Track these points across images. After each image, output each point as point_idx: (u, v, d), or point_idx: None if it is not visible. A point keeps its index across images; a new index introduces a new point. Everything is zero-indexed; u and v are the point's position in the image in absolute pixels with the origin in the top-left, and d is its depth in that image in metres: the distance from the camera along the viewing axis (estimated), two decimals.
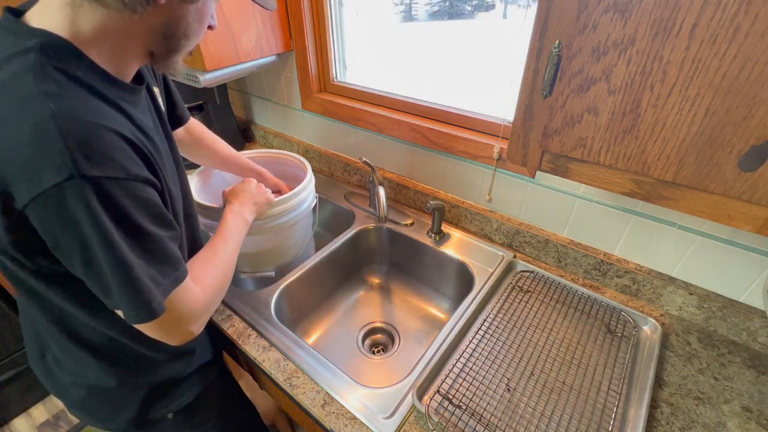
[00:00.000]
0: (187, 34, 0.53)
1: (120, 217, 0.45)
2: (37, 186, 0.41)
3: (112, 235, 0.44)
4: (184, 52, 0.56)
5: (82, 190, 0.41)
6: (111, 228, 0.44)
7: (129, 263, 0.46)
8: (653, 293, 0.83)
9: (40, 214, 0.43)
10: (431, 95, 1.03)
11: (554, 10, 0.47)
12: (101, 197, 0.43)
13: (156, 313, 0.49)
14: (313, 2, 1.07)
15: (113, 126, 0.45)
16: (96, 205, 0.43)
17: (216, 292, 0.61)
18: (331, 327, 1.01)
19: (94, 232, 0.43)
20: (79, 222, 0.43)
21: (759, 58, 0.38)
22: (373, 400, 0.67)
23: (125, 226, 0.46)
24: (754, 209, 0.45)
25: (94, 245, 0.44)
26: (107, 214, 0.44)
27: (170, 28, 0.51)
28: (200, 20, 0.54)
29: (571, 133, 0.53)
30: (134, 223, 0.47)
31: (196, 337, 0.57)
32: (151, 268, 0.49)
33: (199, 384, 0.73)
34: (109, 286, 0.47)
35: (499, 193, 0.97)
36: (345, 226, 1.10)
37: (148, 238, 0.49)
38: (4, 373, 1.48)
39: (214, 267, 0.63)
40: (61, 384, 0.66)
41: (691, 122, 0.44)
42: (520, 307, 0.83)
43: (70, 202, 0.42)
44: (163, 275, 0.50)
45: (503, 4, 0.91)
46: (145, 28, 0.49)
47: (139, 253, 0.48)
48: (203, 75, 1.00)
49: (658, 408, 0.67)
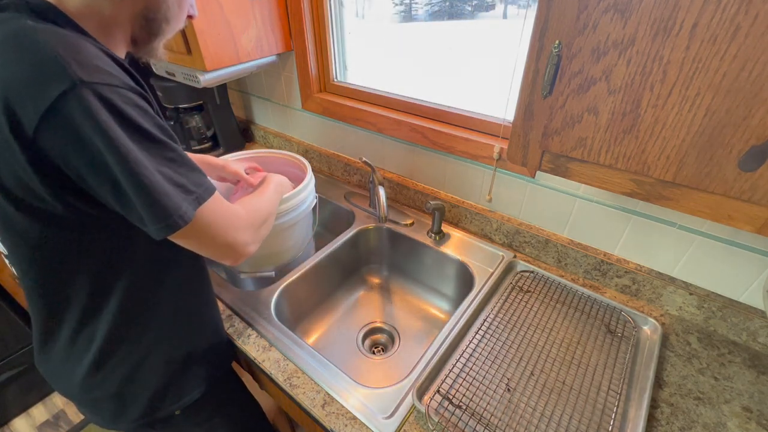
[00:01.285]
0: (168, 18, 0.55)
1: (129, 124, 0.44)
2: (43, 100, 0.40)
3: (127, 144, 0.43)
4: (164, 38, 0.57)
5: (85, 96, 0.41)
6: (123, 136, 0.43)
7: (147, 170, 0.44)
8: (653, 293, 0.83)
9: (52, 136, 0.42)
10: (431, 95, 1.03)
11: (554, 10, 0.47)
12: (106, 104, 0.42)
13: (186, 218, 0.48)
14: (313, 2, 1.07)
15: (97, 45, 0.46)
16: (103, 113, 0.42)
17: (257, 213, 0.63)
18: (331, 327, 1.01)
19: (107, 143, 0.42)
20: (91, 134, 0.41)
21: (759, 58, 0.38)
22: (373, 400, 0.67)
23: (136, 133, 0.45)
24: (754, 209, 0.45)
25: (110, 159, 0.43)
26: (116, 122, 0.43)
27: (151, 11, 0.53)
28: (180, 5, 0.56)
29: (571, 133, 0.53)
30: (145, 130, 0.45)
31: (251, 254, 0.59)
32: (178, 176, 0.48)
33: (206, 381, 0.73)
34: (136, 204, 0.45)
35: (499, 193, 0.97)
36: (345, 226, 1.10)
37: (165, 147, 0.48)
38: (4, 373, 1.48)
39: (257, 198, 0.68)
40: (67, 382, 0.65)
41: (691, 122, 0.44)
42: (520, 307, 0.83)
43: (77, 113, 0.41)
44: (194, 184, 0.50)
45: (503, 4, 0.91)
46: (128, 12, 0.51)
47: (160, 160, 0.46)
48: (203, 75, 1.00)
49: (658, 408, 0.67)
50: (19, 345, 1.50)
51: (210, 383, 0.74)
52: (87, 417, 0.71)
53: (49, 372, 0.66)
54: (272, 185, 0.77)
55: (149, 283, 0.60)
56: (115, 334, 0.60)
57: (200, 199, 0.50)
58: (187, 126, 1.37)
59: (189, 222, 0.48)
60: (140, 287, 0.59)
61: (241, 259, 0.58)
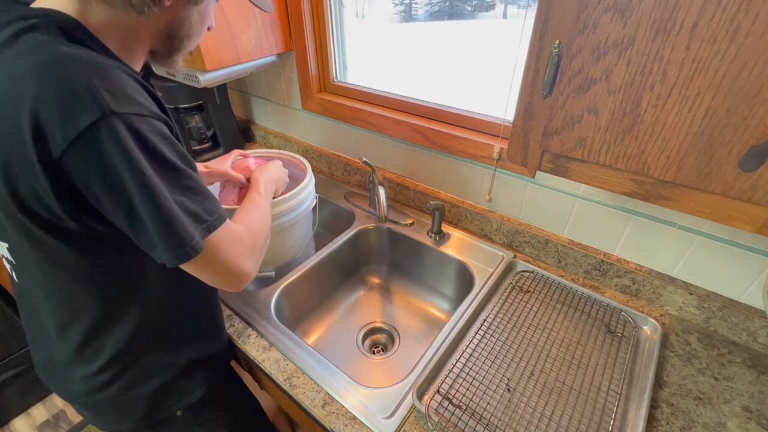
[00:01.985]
0: (190, 34, 0.55)
1: (153, 154, 0.45)
2: (74, 128, 0.41)
3: (148, 172, 0.44)
4: (185, 52, 0.58)
5: (115, 127, 0.42)
6: (146, 166, 0.44)
7: (166, 200, 0.46)
8: (653, 293, 0.83)
9: (77, 161, 0.42)
10: (431, 95, 1.03)
11: (554, 10, 0.47)
12: (133, 134, 0.43)
13: (196, 249, 0.49)
14: (313, 2, 1.07)
15: (130, 73, 0.47)
16: (130, 142, 0.43)
17: (260, 233, 0.63)
18: (331, 327, 1.01)
19: (131, 172, 0.43)
20: (116, 162, 0.42)
21: (759, 58, 0.38)
22: (373, 400, 0.67)
23: (159, 162, 0.46)
24: (754, 209, 0.45)
25: (132, 186, 0.44)
26: (141, 151, 0.44)
27: (174, 28, 0.53)
28: (202, 21, 0.56)
29: (571, 133, 0.53)
30: (167, 159, 0.47)
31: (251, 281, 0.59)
32: (194, 205, 0.49)
33: (207, 381, 0.73)
34: (149, 231, 0.46)
35: (499, 193, 0.97)
36: (345, 226, 1.10)
37: (184, 175, 0.49)
38: (4, 373, 1.48)
39: (255, 214, 0.66)
40: (68, 385, 0.65)
41: (691, 122, 0.44)
42: (520, 307, 0.83)
43: (106, 142, 0.42)
44: (207, 212, 0.50)
45: (503, 4, 0.91)
46: (150, 29, 0.52)
47: (178, 190, 0.48)
48: (203, 75, 1.00)
49: (658, 408, 0.67)
50: (19, 345, 1.50)
51: (211, 383, 0.74)
52: (88, 419, 0.70)
53: (49, 376, 0.66)
54: (262, 189, 0.76)
55: (161, 294, 0.61)
56: (123, 345, 0.60)
57: (211, 228, 0.51)
58: (187, 126, 1.37)
59: (200, 252, 0.50)
60: (151, 298, 0.59)
61: (243, 285, 0.58)
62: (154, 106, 0.48)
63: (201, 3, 0.53)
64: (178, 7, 0.51)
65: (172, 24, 0.53)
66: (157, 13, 0.49)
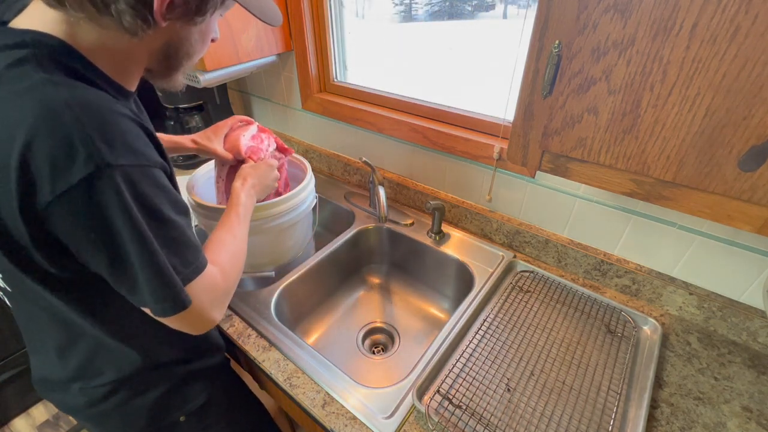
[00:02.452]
0: (190, 53, 0.52)
1: (147, 206, 0.44)
2: (64, 182, 0.39)
3: (142, 226, 0.43)
4: (185, 70, 0.55)
5: (111, 180, 0.40)
6: (140, 218, 0.43)
7: (157, 254, 0.45)
8: (653, 293, 0.83)
9: (64, 213, 0.41)
10: (431, 95, 1.03)
11: (554, 10, 0.47)
12: (129, 186, 0.42)
13: (185, 303, 0.48)
14: (313, 2, 1.07)
15: (126, 112, 0.44)
16: (126, 196, 0.41)
17: (235, 275, 0.60)
18: (331, 327, 1.01)
19: (126, 225, 0.42)
20: (110, 215, 0.41)
21: (759, 58, 0.38)
22: (373, 400, 0.67)
23: (152, 214, 0.45)
24: (754, 209, 0.45)
25: (124, 238, 0.43)
26: (136, 204, 0.43)
27: (172, 48, 0.50)
28: (203, 39, 0.53)
29: (571, 133, 0.53)
30: (159, 211, 0.46)
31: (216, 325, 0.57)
32: (173, 257, 0.47)
33: (210, 385, 0.73)
34: (137, 281, 0.45)
35: (499, 193, 0.97)
36: (345, 226, 1.10)
37: (171, 226, 0.47)
38: (4, 373, 1.48)
39: (231, 248, 0.62)
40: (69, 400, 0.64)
41: (691, 122, 0.44)
42: (520, 307, 0.83)
43: (100, 195, 0.40)
44: (184, 264, 0.49)
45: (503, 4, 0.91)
46: (146, 49, 0.49)
47: (163, 241, 0.46)
48: (203, 75, 1.00)
49: (658, 408, 0.67)
50: (19, 345, 1.50)
51: (213, 388, 0.74)
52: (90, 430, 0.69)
53: (47, 391, 0.65)
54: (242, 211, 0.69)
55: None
56: (125, 364, 0.60)
57: (186, 280, 0.49)
58: (187, 126, 1.37)
59: (189, 306, 0.48)
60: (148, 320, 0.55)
61: (204, 331, 0.55)
62: (154, 151, 0.47)
63: (202, 22, 0.49)
64: (175, 28, 0.48)
65: (169, 44, 0.49)
66: (153, 34, 0.45)
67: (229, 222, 0.66)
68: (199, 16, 0.47)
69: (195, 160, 1.38)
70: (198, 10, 0.46)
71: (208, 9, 0.47)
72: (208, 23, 0.51)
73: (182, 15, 0.45)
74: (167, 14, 0.44)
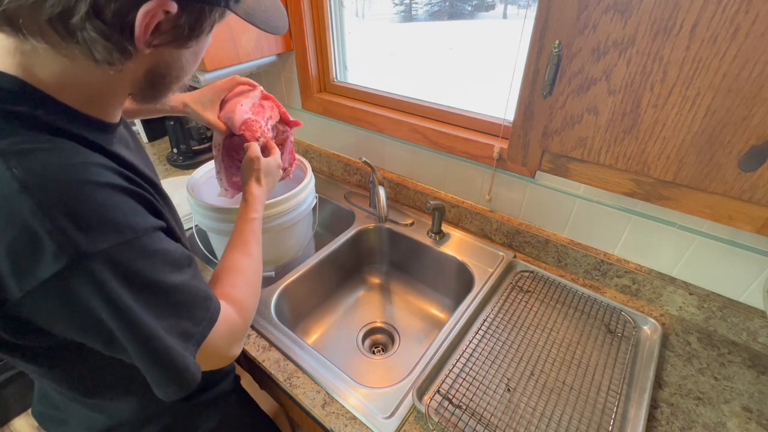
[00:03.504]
0: (180, 77, 0.45)
1: (141, 284, 0.38)
2: (31, 279, 0.33)
3: (132, 313, 0.37)
4: (173, 92, 0.47)
5: (89, 271, 0.34)
6: (132, 303, 0.37)
7: (155, 339, 0.39)
8: (653, 293, 0.83)
9: (38, 306, 0.35)
10: (431, 95, 1.03)
11: (554, 10, 0.47)
12: (115, 271, 0.35)
13: (194, 379, 0.42)
14: (313, 2, 1.07)
15: (101, 178, 0.36)
16: (111, 285, 0.35)
17: (253, 305, 0.55)
18: (331, 327, 1.01)
19: (114, 316, 0.36)
20: (93, 307, 0.35)
21: (759, 58, 0.38)
22: (373, 400, 0.67)
23: (149, 290, 0.39)
24: (754, 209, 0.45)
25: (113, 328, 0.37)
26: (126, 287, 0.36)
27: (156, 75, 0.42)
28: (196, 59, 0.46)
29: (571, 133, 0.53)
30: (157, 282, 0.39)
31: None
32: (182, 321, 0.42)
33: (218, 412, 0.70)
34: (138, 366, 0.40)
35: (499, 193, 0.97)
36: (345, 226, 1.10)
37: (174, 291, 0.41)
38: (4, 373, 1.48)
39: (248, 274, 0.56)
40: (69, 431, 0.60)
41: (691, 122, 0.44)
42: (520, 307, 0.83)
43: (78, 290, 0.34)
44: (195, 323, 0.43)
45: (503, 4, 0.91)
46: (126, 79, 0.40)
47: (167, 311, 0.41)
48: (203, 75, 1.00)
49: (658, 408, 0.67)
50: None
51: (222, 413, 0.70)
52: None
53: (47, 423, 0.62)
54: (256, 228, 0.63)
55: None
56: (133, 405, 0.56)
57: (199, 340, 0.44)
58: (187, 126, 1.37)
59: (198, 381, 0.43)
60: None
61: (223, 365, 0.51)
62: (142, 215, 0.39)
63: (193, 45, 0.41)
64: (161, 53, 0.40)
65: (154, 70, 0.41)
66: (131, 64, 0.37)
67: (244, 240, 0.60)
68: (192, 39, 0.40)
69: (195, 160, 1.38)
70: (192, 33, 0.39)
71: (203, 30, 0.40)
72: (201, 43, 0.43)
73: (172, 40, 0.38)
74: (152, 40, 0.36)
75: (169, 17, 0.35)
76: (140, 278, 0.38)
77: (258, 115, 0.74)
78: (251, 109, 0.73)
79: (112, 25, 0.33)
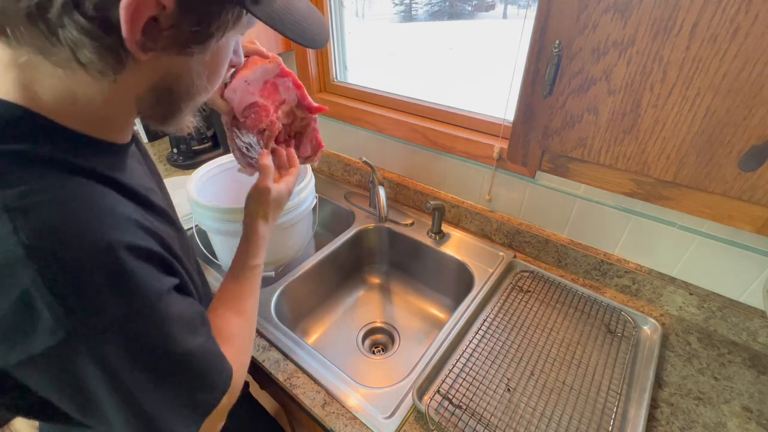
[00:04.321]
0: (191, 93, 0.39)
1: (152, 357, 0.35)
2: (21, 351, 0.30)
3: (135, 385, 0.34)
4: (189, 113, 0.43)
5: (89, 348, 0.31)
6: (132, 374, 0.34)
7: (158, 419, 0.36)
8: (653, 293, 0.83)
9: (28, 375, 0.32)
10: (431, 95, 1.03)
11: (554, 10, 0.47)
12: (122, 346, 0.32)
13: None
14: (312, 2, 1.07)
15: (114, 237, 0.32)
16: (114, 362, 0.32)
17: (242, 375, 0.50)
18: (331, 327, 1.01)
19: (109, 387, 0.33)
20: (88, 381, 0.32)
21: (759, 58, 0.38)
22: (373, 400, 0.67)
23: (160, 362, 0.36)
24: (754, 209, 0.45)
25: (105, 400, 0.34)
26: (129, 361, 0.33)
27: (163, 90, 0.37)
28: (213, 72, 0.40)
29: (571, 133, 0.53)
30: (170, 353, 0.36)
31: None
32: (197, 393, 0.39)
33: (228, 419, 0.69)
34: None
35: (499, 193, 0.97)
36: (345, 226, 1.10)
37: (190, 357, 0.38)
38: None
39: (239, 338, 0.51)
40: None
41: (691, 122, 0.44)
42: (520, 307, 0.83)
43: (75, 365, 0.31)
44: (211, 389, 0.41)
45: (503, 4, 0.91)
46: (131, 94, 0.36)
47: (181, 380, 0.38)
48: None
49: (658, 408, 0.67)
50: None
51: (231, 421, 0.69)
52: None
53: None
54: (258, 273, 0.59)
55: None
56: None
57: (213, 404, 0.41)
58: None
59: None
60: None
61: None
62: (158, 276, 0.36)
63: (203, 52, 0.35)
64: (162, 63, 0.35)
65: (160, 85, 0.36)
66: (132, 74, 0.34)
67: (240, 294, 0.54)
68: (196, 44, 0.34)
69: (195, 160, 1.38)
70: (195, 36, 0.33)
71: (211, 35, 0.34)
72: (217, 52, 0.38)
73: (172, 44, 0.33)
74: (148, 43, 0.31)
75: (167, 14, 0.30)
76: (154, 352, 0.35)
77: (268, 99, 0.61)
78: (260, 90, 0.60)
79: (95, 20, 0.28)
